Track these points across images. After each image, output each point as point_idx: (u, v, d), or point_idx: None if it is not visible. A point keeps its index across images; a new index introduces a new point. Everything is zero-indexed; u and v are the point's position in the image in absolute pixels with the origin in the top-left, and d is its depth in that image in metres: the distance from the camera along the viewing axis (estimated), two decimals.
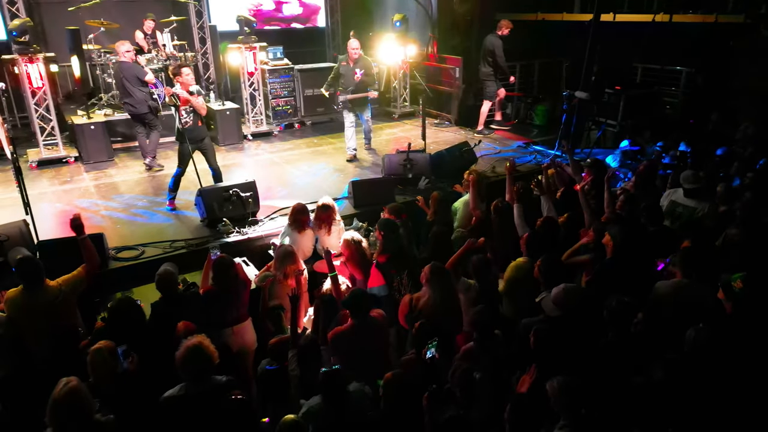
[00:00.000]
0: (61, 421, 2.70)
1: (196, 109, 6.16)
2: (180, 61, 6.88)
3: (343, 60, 8.13)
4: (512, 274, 4.30)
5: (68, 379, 2.79)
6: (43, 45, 9.04)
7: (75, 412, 2.71)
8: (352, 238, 4.56)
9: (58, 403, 2.69)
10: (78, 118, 8.42)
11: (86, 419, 2.75)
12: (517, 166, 7.91)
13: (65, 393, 2.69)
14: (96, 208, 6.53)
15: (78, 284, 3.92)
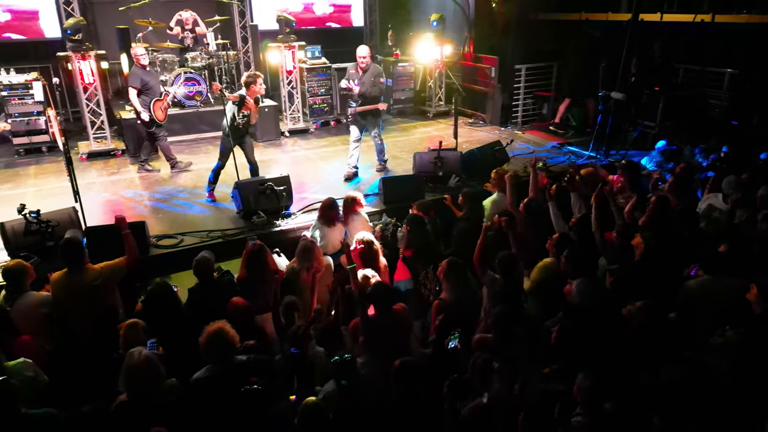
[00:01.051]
0: (137, 386, 2.94)
1: (252, 116, 6.53)
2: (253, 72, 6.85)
3: (351, 68, 7.43)
4: (539, 275, 4.34)
5: (139, 349, 3.04)
6: (95, 43, 9.49)
7: (150, 377, 2.95)
8: (363, 237, 4.65)
9: (135, 370, 2.92)
10: (126, 113, 8.83)
11: (159, 383, 3.01)
12: (550, 166, 7.92)
13: (141, 360, 2.94)
14: (140, 198, 6.88)
15: (118, 272, 4.18)
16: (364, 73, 7.26)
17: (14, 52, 9.55)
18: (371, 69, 7.33)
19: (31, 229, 5.06)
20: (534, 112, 10.49)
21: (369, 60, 7.33)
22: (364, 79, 7.26)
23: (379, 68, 7.52)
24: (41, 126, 8.62)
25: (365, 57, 7.26)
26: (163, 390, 3.05)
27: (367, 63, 7.28)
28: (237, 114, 6.43)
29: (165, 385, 3.09)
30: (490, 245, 4.45)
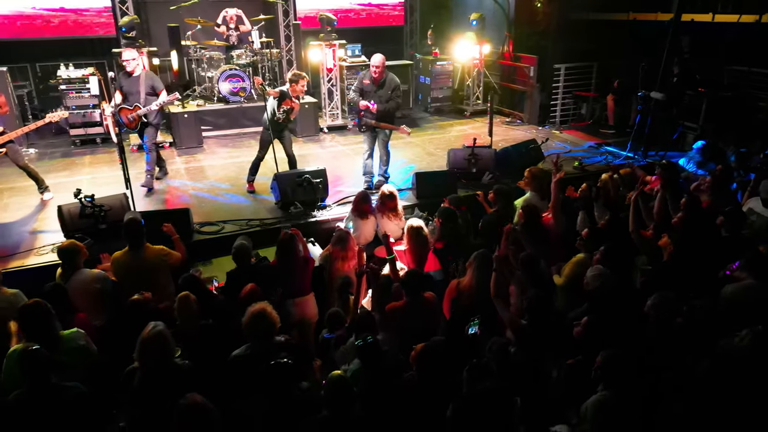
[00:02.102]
0: (146, 358, 3.14)
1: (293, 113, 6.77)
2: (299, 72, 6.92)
3: (365, 78, 6.83)
4: (573, 270, 4.39)
5: (155, 323, 3.25)
6: (147, 40, 9.98)
7: (158, 351, 3.13)
8: (412, 224, 4.83)
9: (145, 342, 3.13)
10: (174, 107, 9.26)
11: (167, 359, 3.18)
12: (586, 165, 7.91)
13: (153, 334, 3.13)
14: (185, 187, 7.25)
15: (172, 257, 4.52)
16: (380, 87, 6.70)
17: (74, 49, 10.11)
18: (387, 82, 6.71)
19: (86, 213, 5.43)
20: (572, 112, 10.43)
21: (383, 70, 6.67)
22: (380, 93, 6.68)
23: (396, 81, 6.81)
24: (96, 119, 9.13)
25: (379, 67, 6.62)
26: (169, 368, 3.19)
27: (380, 74, 6.64)
28: (277, 109, 6.66)
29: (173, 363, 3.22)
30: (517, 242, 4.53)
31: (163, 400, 2.87)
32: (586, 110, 10.38)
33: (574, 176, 7.29)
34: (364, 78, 6.82)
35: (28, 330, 3.43)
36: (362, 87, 6.80)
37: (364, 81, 6.79)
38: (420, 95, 11.73)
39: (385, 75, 6.71)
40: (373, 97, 6.70)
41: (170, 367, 3.20)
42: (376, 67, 6.64)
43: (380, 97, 6.70)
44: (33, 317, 3.42)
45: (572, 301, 4.20)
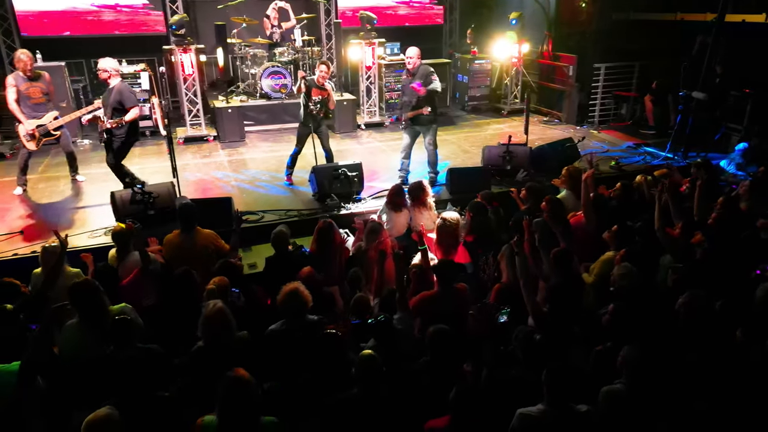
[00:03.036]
0: (212, 334, 3.34)
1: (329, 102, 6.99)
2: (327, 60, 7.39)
3: (403, 73, 7.18)
4: (603, 268, 4.44)
5: (215, 301, 3.47)
6: (195, 38, 10.39)
7: (223, 326, 3.35)
8: (443, 216, 4.95)
9: (209, 320, 3.33)
10: (219, 102, 9.64)
11: (231, 332, 3.41)
12: (623, 165, 7.85)
13: (216, 311, 3.34)
14: (228, 179, 7.57)
15: (222, 246, 4.76)
16: (414, 76, 6.94)
17: (126, 45, 10.62)
18: (420, 70, 6.95)
19: (136, 199, 5.77)
20: (613, 112, 10.32)
21: (416, 60, 6.93)
22: (415, 80, 6.91)
23: (428, 68, 7.01)
24: (146, 112, 9.57)
25: (413, 57, 6.91)
26: (235, 339, 3.44)
27: (414, 65, 6.92)
28: (308, 101, 6.89)
29: (236, 336, 3.46)
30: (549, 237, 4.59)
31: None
32: (626, 110, 10.26)
33: (611, 176, 7.27)
34: (402, 74, 6.99)
35: (78, 304, 3.70)
36: (403, 84, 7.12)
37: (403, 77, 7.05)
38: (457, 94, 11.80)
39: (419, 65, 6.96)
40: (409, 85, 6.95)
41: (232, 341, 3.40)
42: (410, 57, 6.97)
43: (414, 84, 6.91)
44: (82, 294, 3.69)
45: (602, 298, 4.26)
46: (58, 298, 4.00)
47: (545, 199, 4.95)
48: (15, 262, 5.29)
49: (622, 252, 4.32)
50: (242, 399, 2.84)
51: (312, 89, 6.91)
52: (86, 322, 3.63)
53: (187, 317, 3.96)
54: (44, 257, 4.38)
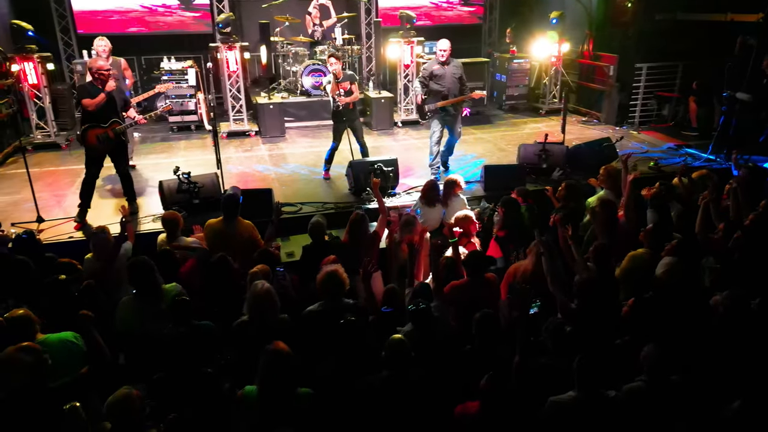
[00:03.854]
0: (257, 311, 3.54)
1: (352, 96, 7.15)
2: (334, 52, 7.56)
3: (434, 63, 7.24)
4: (629, 263, 4.46)
5: (263, 281, 3.66)
6: (240, 36, 10.72)
7: (269, 305, 3.55)
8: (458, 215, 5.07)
9: (257, 297, 3.53)
10: (261, 98, 9.94)
11: (276, 312, 3.61)
12: (662, 166, 7.75)
13: (263, 291, 3.55)
14: (268, 172, 7.84)
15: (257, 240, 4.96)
16: (448, 68, 7.08)
17: (177, 43, 11.06)
18: (452, 63, 7.14)
19: (182, 188, 6.07)
20: (656, 113, 10.15)
21: (449, 54, 7.10)
22: (450, 70, 7.07)
23: (459, 62, 7.28)
24: (191, 107, 9.97)
25: (445, 50, 7.06)
26: (278, 321, 3.66)
27: (446, 57, 7.07)
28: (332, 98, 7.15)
29: (280, 318, 3.66)
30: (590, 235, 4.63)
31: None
32: (668, 111, 10.07)
33: (649, 176, 7.19)
34: (433, 65, 7.17)
35: (135, 281, 3.98)
36: (432, 72, 7.11)
37: (434, 67, 7.13)
38: (495, 93, 11.81)
39: (450, 58, 7.15)
40: (446, 77, 7.07)
41: (275, 320, 3.61)
42: (442, 50, 7.08)
43: (453, 74, 7.10)
44: (139, 270, 3.97)
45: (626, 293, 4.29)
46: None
47: (600, 201, 5.00)
48: (71, 245, 5.65)
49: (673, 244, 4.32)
50: (281, 370, 3.02)
51: (333, 86, 7.12)
52: (141, 298, 3.89)
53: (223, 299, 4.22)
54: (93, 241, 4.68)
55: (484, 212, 6.08)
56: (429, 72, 7.15)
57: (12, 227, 5.92)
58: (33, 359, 2.90)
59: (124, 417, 2.75)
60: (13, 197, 6.97)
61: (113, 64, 7.40)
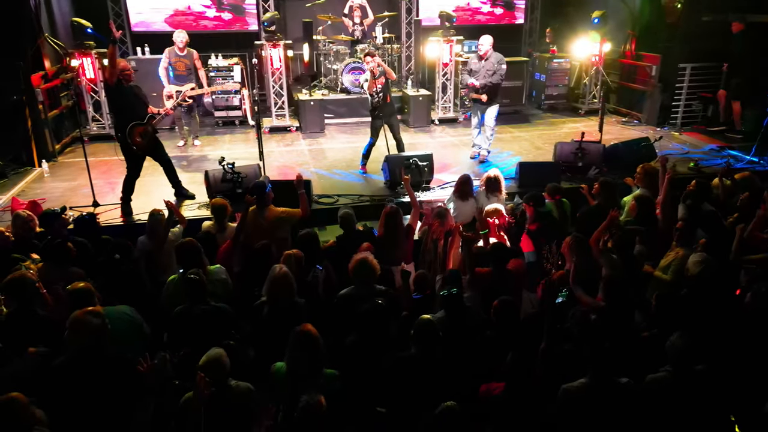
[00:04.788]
0: (273, 293, 3.77)
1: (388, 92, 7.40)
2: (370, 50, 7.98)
3: (473, 58, 8.08)
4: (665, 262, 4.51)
5: (280, 266, 3.91)
6: (283, 34, 11.04)
7: (285, 288, 3.76)
8: (495, 207, 5.18)
9: (273, 280, 3.78)
10: (302, 95, 10.24)
11: (291, 296, 3.81)
12: (703, 168, 7.64)
13: (280, 275, 3.76)
14: (307, 165, 8.12)
15: (292, 217, 5.19)
16: (486, 61, 7.78)
17: (223, 41, 11.49)
18: (491, 57, 7.80)
19: (227, 178, 6.38)
20: (702, 114, 9.94)
21: (489, 49, 7.77)
22: (485, 65, 7.75)
23: (499, 55, 7.85)
24: (236, 103, 10.36)
25: (483, 45, 7.79)
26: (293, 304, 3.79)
27: (486, 52, 7.76)
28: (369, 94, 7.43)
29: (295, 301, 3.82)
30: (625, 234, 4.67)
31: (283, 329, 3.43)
32: (712, 112, 9.85)
33: (689, 177, 7.10)
34: (473, 60, 8.04)
35: (182, 261, 4.26)
36: (471, 67, 8.00)
37: (473, 62, 7.99)
38: (534, 92, 11.78)
39: (490, 53, 7.79)
40: (481, 70, 7.79)
41: (291, 302, 3.82)
42: (480, 44, 7.88)
43: (487, 70, 7.75)
44: (186, 251, 4.26)
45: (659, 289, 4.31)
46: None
47: (636, 198, 5.03)
48: (123, 228, 6.04)
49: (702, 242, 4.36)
50: (308, 350, 3.21)
51: (370, 82, 7.33)
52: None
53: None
54: (150, 222, 5.03)
55: (517, 208, 6.15)
56: (469, 67, 8.05)
57: (70, 210, 6.35)
58: (99, 322, 3.18)
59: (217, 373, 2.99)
60: (71, 183, 7.47)
61: (188, 56, 8.68)
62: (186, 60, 8.73)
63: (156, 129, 6.47)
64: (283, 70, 9.84)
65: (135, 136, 6.22)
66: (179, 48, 8.68)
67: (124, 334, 3.62)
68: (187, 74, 8.70)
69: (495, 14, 12.87)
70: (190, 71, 8.75)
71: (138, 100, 6.31)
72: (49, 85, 8.88)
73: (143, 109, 6.34)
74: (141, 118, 6.26)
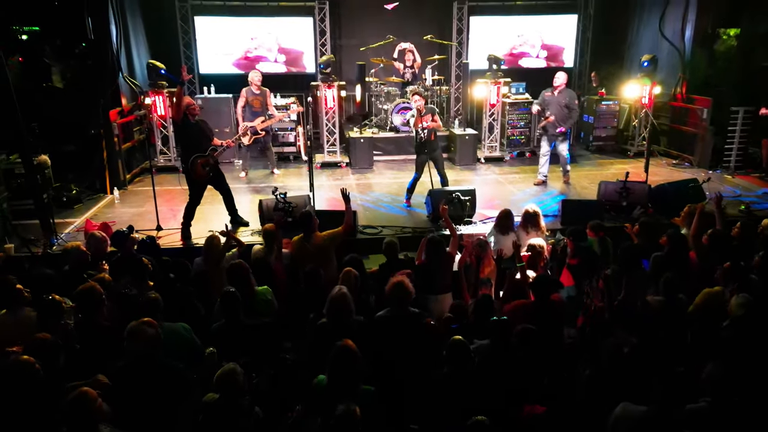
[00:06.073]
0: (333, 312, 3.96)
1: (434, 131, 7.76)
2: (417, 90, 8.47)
3: (547, 91, 8.88)
4: (703, 300, 4.48)
5: (340, 286, 4.10)
6: (338, 76, 11.68)
7: (343, 308, 3.95)
8: (534, 243, 5.28)
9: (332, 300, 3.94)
10: (353, 133, 10.72)
11: (348, 315, 3.97)
12: (755, 211, 7.47)
13: (339, 295, 3.94)
14: (354, 198, 8.37)
15: (336, 237, 5.50)
16: (560, 94, 8.62)
17: (282, 82, 12.22)
18: (564, 92, 8.62)
19: (278, 207, 6.78)
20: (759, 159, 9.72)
21: (563, 84, 8.59)
22: (559, 99, 8.56)
23: (572, 92, 8.68)
24: (291, 140, 10.94)
25: (559, 78, 8.60)
26: (351, 320, 4.03)
27: (560, 86, 8.55)
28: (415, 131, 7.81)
29: (354, 320, 4.07)
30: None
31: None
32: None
33: (739, 219, 6.95)
34: (546, 92, 8.82)
35: (232, 281, 4.58)
36: (543, 99, 8.79)
37: (546, 94, 8.79)
38: (582, 134, 11.85)
39: (563, 88, 8.69)
40: (552, 103, 8.66)
41: (349, 321, 4.01)
42: (556, 78, 8.71)
43: (559, 103, 8.60)
44: (236, 272, 4.59)
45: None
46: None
47: (667, 234, 5.06)
48: (183, 250, 6.49)
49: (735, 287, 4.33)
50: (348, 365, 3.40)
51: (416, 119, 7.69)
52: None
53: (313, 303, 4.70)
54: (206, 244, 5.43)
55: (558, 243, 6.22)
56: (542, 98, 8.84)
57: (136, 233, 6.89)
58: (153, 332, 3.51)
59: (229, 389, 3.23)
60: (138, 209, 8.09)
61: (262, 94, 9.51)
62: (260, 97, 9.50)
63: (217, 160, 7.00)
64: (336, 109, 10.38)
65: (197, 167, 6.76)
66: (255, 86, 9.44)
67: (177, 347, 3.89)
68: (261, 111, 9.48)
69: (543, 57, 13.12)
70: (264, 108, 9.53)
71: (202, 133, 6.89)
72: (124, 120, 9.72)
73: (207, 142, 6.90)
74: (204, 151, 6.80)
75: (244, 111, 9.49)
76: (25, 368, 3.11)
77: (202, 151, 6.81)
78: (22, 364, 3.14)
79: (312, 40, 12.18)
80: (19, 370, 3.11)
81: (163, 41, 11.49)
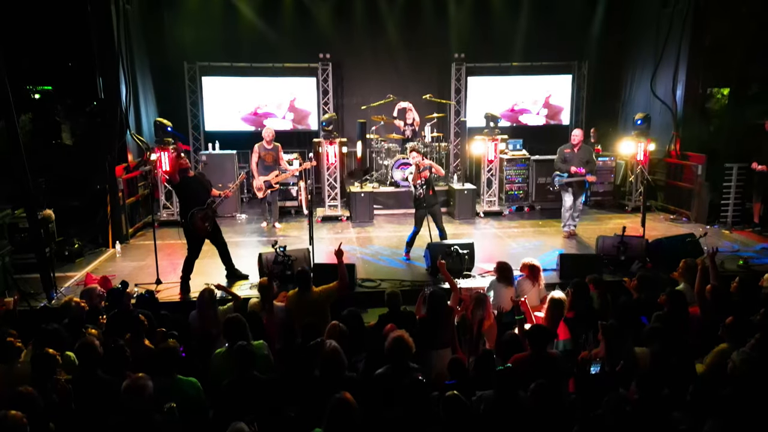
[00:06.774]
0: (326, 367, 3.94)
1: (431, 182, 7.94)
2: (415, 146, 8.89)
3: (566, 147, 9.19)
4: (715, 359, 4.45)
5: (331, 341, 4.09)
6: (340, 133, 11.99)
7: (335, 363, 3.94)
8: (554, 296, 5.28)
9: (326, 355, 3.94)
10: (354, 188, 10.90)
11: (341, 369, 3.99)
12: (752, 266, 7.49)
13: (331, 350, 3.93)
14: (354, 251, 8.52)
15: (331, 294, 5.53)
16: (579, 150, 9.03)
17: (287, 139, 12.52)
18: (583, 148, 9.09)
19: (278, 260, 6.82)
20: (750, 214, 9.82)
21: (580, 140, 9.10)
22: (579, 155, 8.99)
23: (590, 149, 9.20)
24: (293, 194, 11.12)
25: (578, 136, 9.13)
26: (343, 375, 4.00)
27: (579, 142, 9.06)
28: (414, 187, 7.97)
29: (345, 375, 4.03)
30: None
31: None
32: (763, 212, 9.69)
33: (736, 274, 6.96)
34: (565, 148, 9.16)
35: (228, 335, 4.57)
36: (564, 156, 9.08)
37: (565, 150, 9.11)
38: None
39: (581, 144, 9.09)
40: (574, 159, 8.97)
41: (342, 376, 4.00)
42: (575, 135, 9.19)
43: (580, 158, 8.98)
44: (232, 326, 4.58)
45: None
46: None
47: (667, 293, 5.07)
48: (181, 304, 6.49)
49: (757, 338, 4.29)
50: (345, 417, 3.37)
51: (415, 175, 7.85)
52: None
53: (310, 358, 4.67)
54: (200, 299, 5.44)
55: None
56: (563, 155, 9.11)
57: (136, 287, 6.91)
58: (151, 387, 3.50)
59: None
60: (139, 263, 8.14)
61: (274, 149, 9.78)
62: (273, 152, 9.79)
63: (215, 212, 7.10)
64: (337, 164, 10.60)
65: (197, 221, 6.86)
66: (267, 142, 9.73)
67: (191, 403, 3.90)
68: (273, 165, 9.77)
69: (544, 115, 13.47)
70: (276, 162, 9.82)
71: (201, 186, 7.06)
72: (129, 175, 9.93)
73: (206, 194, 7.04)
74: (203, 203, 6.92)
75: (257, 166, 9.72)
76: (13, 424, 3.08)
77: (202, 203, 6.93)
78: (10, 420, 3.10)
79: (315, 99, 12.57)
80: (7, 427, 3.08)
81: (170, 99, 11.89)
